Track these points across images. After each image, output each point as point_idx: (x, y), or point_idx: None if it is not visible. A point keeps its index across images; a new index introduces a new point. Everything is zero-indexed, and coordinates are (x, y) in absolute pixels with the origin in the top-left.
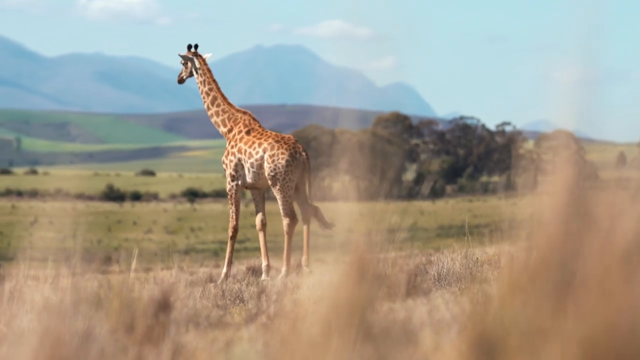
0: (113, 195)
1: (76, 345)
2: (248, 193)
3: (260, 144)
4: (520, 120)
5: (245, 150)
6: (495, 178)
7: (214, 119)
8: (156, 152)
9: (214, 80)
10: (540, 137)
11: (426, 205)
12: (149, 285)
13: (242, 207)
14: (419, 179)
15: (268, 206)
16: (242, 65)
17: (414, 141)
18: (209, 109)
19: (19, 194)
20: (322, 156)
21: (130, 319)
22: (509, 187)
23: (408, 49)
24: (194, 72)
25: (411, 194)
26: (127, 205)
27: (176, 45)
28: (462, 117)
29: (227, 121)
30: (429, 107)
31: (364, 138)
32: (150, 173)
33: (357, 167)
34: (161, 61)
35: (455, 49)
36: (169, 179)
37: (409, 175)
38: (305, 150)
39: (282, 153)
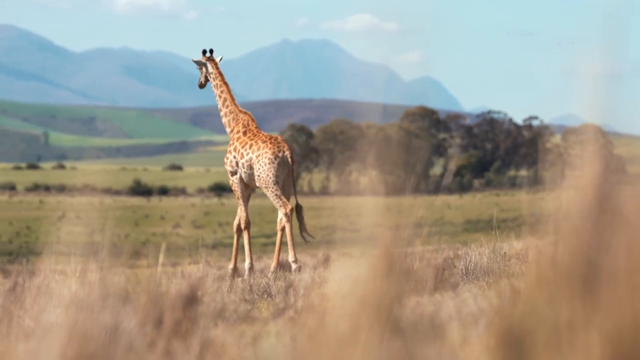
0: (140, 189)
1: (104, 339)
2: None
3: (250, 145)
4: (548, 114)
5: (239, 150)
6: (523, 172)
7: (223, 120)
8: (183, 147)
9: (225, 83)
10: (567, 131)
11: (453, 199)
12: (177, 280)
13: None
14: (446, 173)
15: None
16: (269, 59)
17: (441, 135)
18: (220, 110)
19: (47, 188)
20: (349, 150)
21: (158, 313)
22: (536, 181)
23: (435, 43)
24: (208, 77)
25: (438, 188)
26: (155, 200)
27: (203, 39)
28: (489, 111)
29: (231, 122)
30: (457, 101)
31: (391, 132)
32: (178, 167)
33: (384, 162)
34: (188, 55)
35: (483, 43)
36: (196, 173)
37: (436, 169)
38: (291, 150)
39: (266, 152)
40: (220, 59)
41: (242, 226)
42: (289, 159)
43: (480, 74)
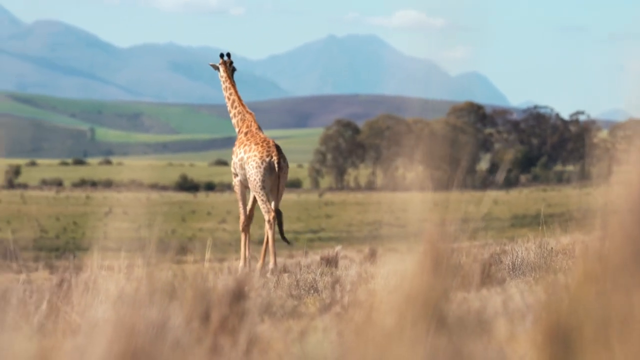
0: (187, 185)
1: (151, 335)
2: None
3: (244, 145)
4: (595, 109)
5: (236, 151)
6: (569, 167)
7: (233, 121)
8: (230, 142)
9: (233, 85)
10: (614, 127)
11: (500, 194)
12: (224, 275)
13: (311, 197)
14: (493, 168)
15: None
16: (315, 55)
17: (488, 131)
18: (230, 111)
19: (93, 184)
20: (396, 146)
21: (204, 309)
22: (583, 177)
23: (482, 38)
24: (220, 80)
25: (485, 184)
26: (201, 195)
27: (250, 35)
28: (536, 107)
29: (239, 122)
30: (503, 96)
31: (437, 128)
32: (224, 163)
33: (431, 157)
34: (234, 51)
35: (530, 38)
36: None
37: (483, 164)
38: (280, 157)
39: (255, 155)
40: (231, 64)
41: (240, 228)
42: (276, 165)
43: (527, 69)
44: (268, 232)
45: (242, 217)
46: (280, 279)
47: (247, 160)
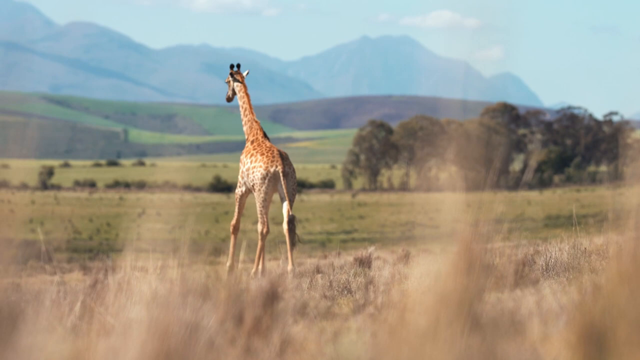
0: (220, 186)
1: (184, 336)
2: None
3: (251, 155)
4: (628, 109)
5: (243, 160)
6: (603, 168)
7: (244, 128)
8: None
9: (247, 94)
10: None
11: (534, 195)
12: (257, 277)
13: (344, 197)
14: (526, 169)
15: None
16: (349, 56)
17: (521, 131)
18: (242, 119)
19: (127, 185)
20: (429, 146)
21: (238, 310)
22: (616, 177)
23: (516, 39)
24: (235, 89)
25: (518, 184)
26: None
27: (283, 36)
28: (569, 107)
29: (248, 130)
30: (536, 97)
31: (471, 128)
32: None
33: (464, 158)
34: (267, 53)
35: (562, 39)
36: None
37: (516, 165)
38: (286, 163)
39: (260, 166)
40: (247, 74)
41: (231, 229)
42: (280, 174)
43: (561, 70)
44: (259, 242)
45: (234, 221)
46: (313, 280)
47: (252, 170)
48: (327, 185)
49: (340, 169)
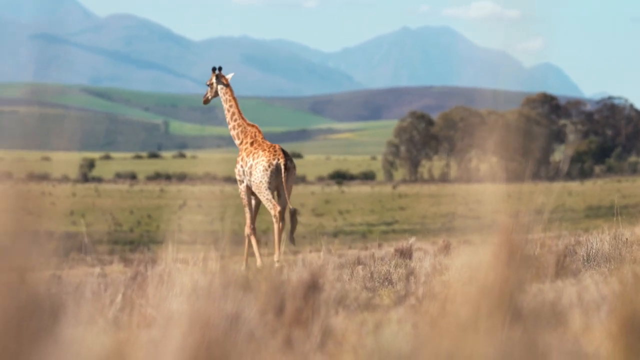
0: None
1: (225, 327)
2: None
3: (253, 153)
4: None
5: (244, 159)
6: None
7: (232, 132)
8: (303, 135)
9: (234, 98)
10: None
11: (574, 185)
12: (298, 268)
13: (385, 189)
14: (564, 159)
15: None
16: (389, 46)
17: (562, 122)
18: (228, 123)
19: (168, 177)
20: (469, 137)
21: (279, 301)
22: None
23: (556, 29)
24: (219, 92)
25: (558, 175)
26: None
27: (323, 27)
28: (610, 97)
29: (240, 134)
30: (577, 87)
31: (511, 119)
32: (298, 155)
33: (505, 148)
34: (308, 44)
35: (603, 29)
36: (316, 161)
37: (557, 156)
38: (287, 160)
39: (262, 160)
40: (231, 77)
41: (246, 232)
42: (282, 167)
43: (601, 60)
44: (274, 225)
45: (248, 222)
46: (354, 271)
47: (255, 165)
48: (368, 177)
49: (381, 160)
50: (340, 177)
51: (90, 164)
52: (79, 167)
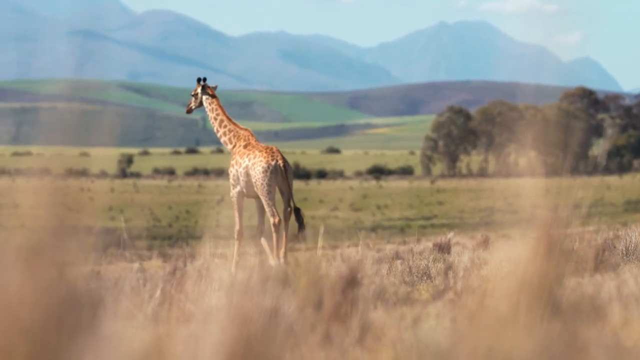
0: (299, 173)
1: (264, 322)
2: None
3: (248, 155)
4: None
5: (238, 161)
6: None
7: (222, 139)
8: (341, 130)
9: (220, 106)
10: None
11: (613, 180)
12: (336, 263)
13: (423, 184)
14: (602, 153)
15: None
16: (426, 41)
17: (600, 116)
18: (217, 131)
19: (206, 172)
20: (508, 132)
21: (317, 296)
22: None
23: (595, 24)
24: (204, 102)
25: (597, 169)
26: (313, 183)
27: (360, 22)
28: None
29: (232, 139)
30: (615, 81)
31: (549, 113)
32: (336, 151)
33: (543, 143)
34: (345, 39)
35: None
36: (354, 156)
37: (595, 150)
38: (285, 160)
39: (260, 161)
40: (215, 87)
41: (235, 236)
42: (281, 167)
43: (639, 54)
44: (273, 233)
45: (237, 227)
46: (393, 266)
47: (252, 167)
48: (406, 172)
49: (419, 155)
50: (378, 172)
51: (129, 160)
52: (117, 163)
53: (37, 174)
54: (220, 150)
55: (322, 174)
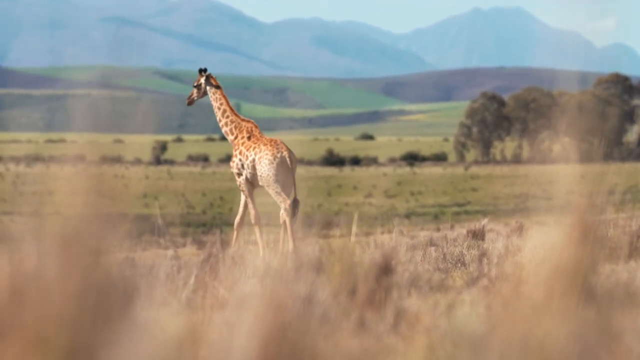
0: (333, 160)
1: (298, 309)
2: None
3: (254, 148)
4: None
5: (244, 153)
6: None
7: (224, 129)
8: (375, 116)
9: (224, 96)
10: None
11: None
12: (370, 250)
13: (457, 170)
14: (638, 139)
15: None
16: (460, 28)
17: (635, 102)
18: (220, 120)
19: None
20: (542, 118)
21: (351, 283)
22: None
23: (630, 9)
24: (208, 91)
25: (632, 155)
26: (347, 170)
27: (394, 9)
28: None
29: (234, 129)
30: None
31: (583, 100)
32: (370, 137)
33: (577, 129)
34: (379, 25)
35: None
36: (388, 143)
37: (630, 136)
38: (290, 151)
39: (267, 154)
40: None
41: (253, 221)
42: (287, 159)
43: None
44: (285, 218)
45: (252, 212)
46: (427, 253)
47: (259, 160)
48: (440, 158)
49: (453, 141)
50: (412, 159)
51: (163, 147)
52: (151, 150)
53: (72, 161)
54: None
55: (356, 161)
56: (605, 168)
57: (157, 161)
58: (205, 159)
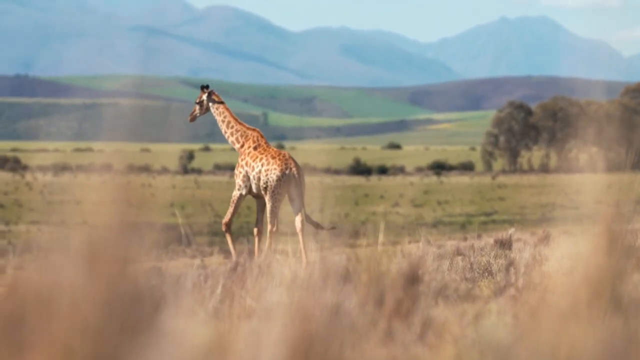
0: (360, 169)
1: (325, 319)
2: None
3: (260, 159)
4: None
5: (250, 164)
6: None
7: (230, 139)
8: (402, 126)
9: (227, 109)
10: None
11: None
12: (397, 259)
13: (484, 180)
14: None
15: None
16: (487, 37)
17: None
18: (225, 132)
19: None
20: (569, 127)
21: (379, 292)
22: None
23: None
24: (210, 108)
25: None
26: (374, 179)
27: (421, 18)
28: None
29: (240, 138)
30: None
31: (611, 109)
32: (397, 146)
33: (605, 138)
34: (406, 34)
35: None
36: (415, 152)
37: None
38: (297, 166)
39: (275, 168)
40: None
41: (224, 228)
42: (295, 174)
43: None
44: (267, 239)
45: (228, 217)
46: (454, 262)
47: (265, 173)
48: (467, 167)
49: (480, 150)
50: (439, 168)
51: (190, 156)
52: (178, 159)
53: (99, 170)
54: (281, 146)
55: (383, 170)
56: (633, 177)
57: (185, 170)
58: (232, 168)
